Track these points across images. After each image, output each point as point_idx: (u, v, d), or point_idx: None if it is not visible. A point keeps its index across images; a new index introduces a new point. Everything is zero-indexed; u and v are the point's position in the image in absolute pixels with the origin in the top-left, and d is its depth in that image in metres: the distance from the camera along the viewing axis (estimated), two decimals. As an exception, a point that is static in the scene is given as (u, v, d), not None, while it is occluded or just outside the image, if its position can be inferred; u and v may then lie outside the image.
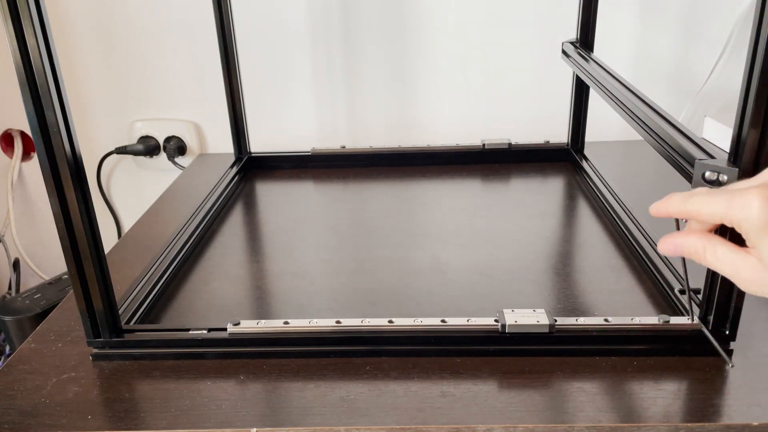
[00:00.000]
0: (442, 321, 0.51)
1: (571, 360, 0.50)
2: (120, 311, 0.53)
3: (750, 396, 0.45)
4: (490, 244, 0.70)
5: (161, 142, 1.08)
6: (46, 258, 1.19)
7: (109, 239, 1.14)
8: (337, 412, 0.46)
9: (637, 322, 0.50)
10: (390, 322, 0.51)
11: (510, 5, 0.98)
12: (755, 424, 0.42)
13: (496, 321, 0.50)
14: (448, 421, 0.44)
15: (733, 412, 0.44)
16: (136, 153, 1.07)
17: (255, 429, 0.45)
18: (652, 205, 0.42)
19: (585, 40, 0.84)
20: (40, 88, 0.43)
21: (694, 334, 0.49)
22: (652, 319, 0.50)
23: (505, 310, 0.50)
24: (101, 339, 0.52)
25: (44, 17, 0.42)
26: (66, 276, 0.92)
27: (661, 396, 0.45)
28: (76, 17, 1.02)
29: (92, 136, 1.09)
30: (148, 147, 1.07)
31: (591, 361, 0.49)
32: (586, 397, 0.46)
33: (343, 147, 0.96)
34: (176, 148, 1.07)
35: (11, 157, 1.13)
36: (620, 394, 0.46)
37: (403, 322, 0.51)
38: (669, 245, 0.41)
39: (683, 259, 0.45)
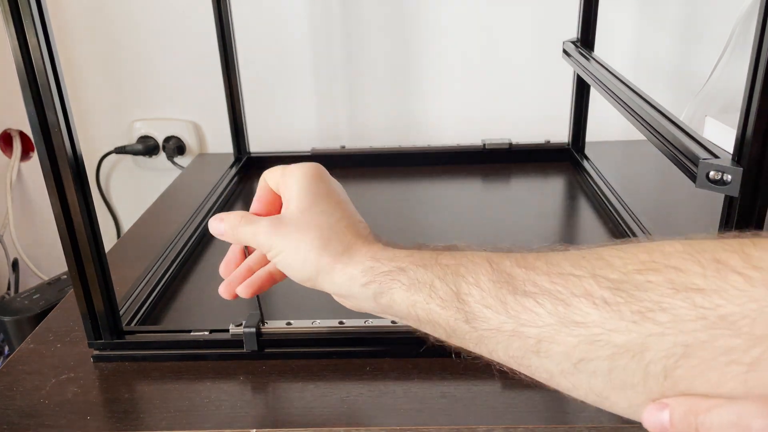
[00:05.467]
0: (443, 321, 0.50)
1: (572, 360, 0.49)
2: (121, 312, 0.53)
3: (752, 397, 0.45)
4: (490, 244, 0.69)
5: (161, 142, 1.08)
6: (46, 258, 1.19)
7: (108, 239, 1.13)
8: (337, 412, 0.45)
9: (639, 323, 0.49)
10: (393, 323, 0.51)
11: (510, 5, 0.98)
12: (758, 424, 0.42)
13: (497, 321, 0.50)
14: (448, 421, 0.44)
15: (735, 413, 0.43)
16: (135, 153, 1.07)
17: (255, 430, 0.44)
18: None
19: (586, 40, 0.84)
20: (40, 88, 0.43)
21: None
22: (654, 320, 0.49)
23: (506, 311, 0.50)
24: (102, 341, 0.51)
25: (45, 17, 0.42)
26: (65, 276, 0.92)
27: (663, 397, 0.45)
28: (76, 17, 1.01)
29: (91, 136, 1.09)
30: (147, 147, 1.07)
31: (592, 361, 0.49)
32: (587, 397, 0.46)
33: (343, 147, 0.96)
34: (176, 148, 1.07)
35: (10, 157, 1.12)
36: (622, 394, 0.46)
37: (404, 322, 0.51)
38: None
39: None
